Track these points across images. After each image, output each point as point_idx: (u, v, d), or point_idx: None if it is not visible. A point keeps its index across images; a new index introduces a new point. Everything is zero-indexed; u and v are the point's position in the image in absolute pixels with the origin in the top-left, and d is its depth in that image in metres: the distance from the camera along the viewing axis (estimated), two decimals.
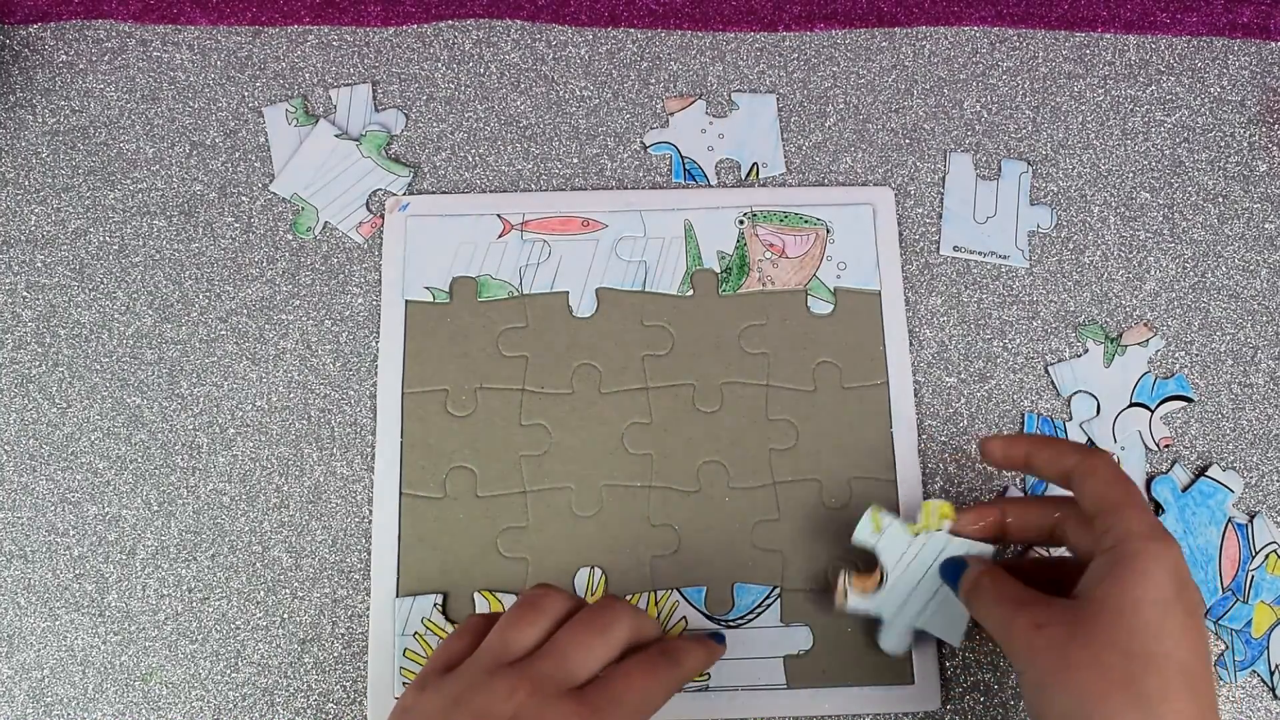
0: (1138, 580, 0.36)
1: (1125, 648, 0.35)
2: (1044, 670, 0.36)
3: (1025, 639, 0.37)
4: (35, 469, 0.55)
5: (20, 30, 0.62)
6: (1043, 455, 0.43)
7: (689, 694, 0.51)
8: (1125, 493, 0.39)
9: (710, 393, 0.55)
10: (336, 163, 0.59)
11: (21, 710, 0.51)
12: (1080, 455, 0.42)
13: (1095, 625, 0.36)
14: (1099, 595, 0.36)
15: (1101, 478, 0.40)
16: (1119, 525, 0.38)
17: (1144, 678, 0.34)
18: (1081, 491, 0.41)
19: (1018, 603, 0.39)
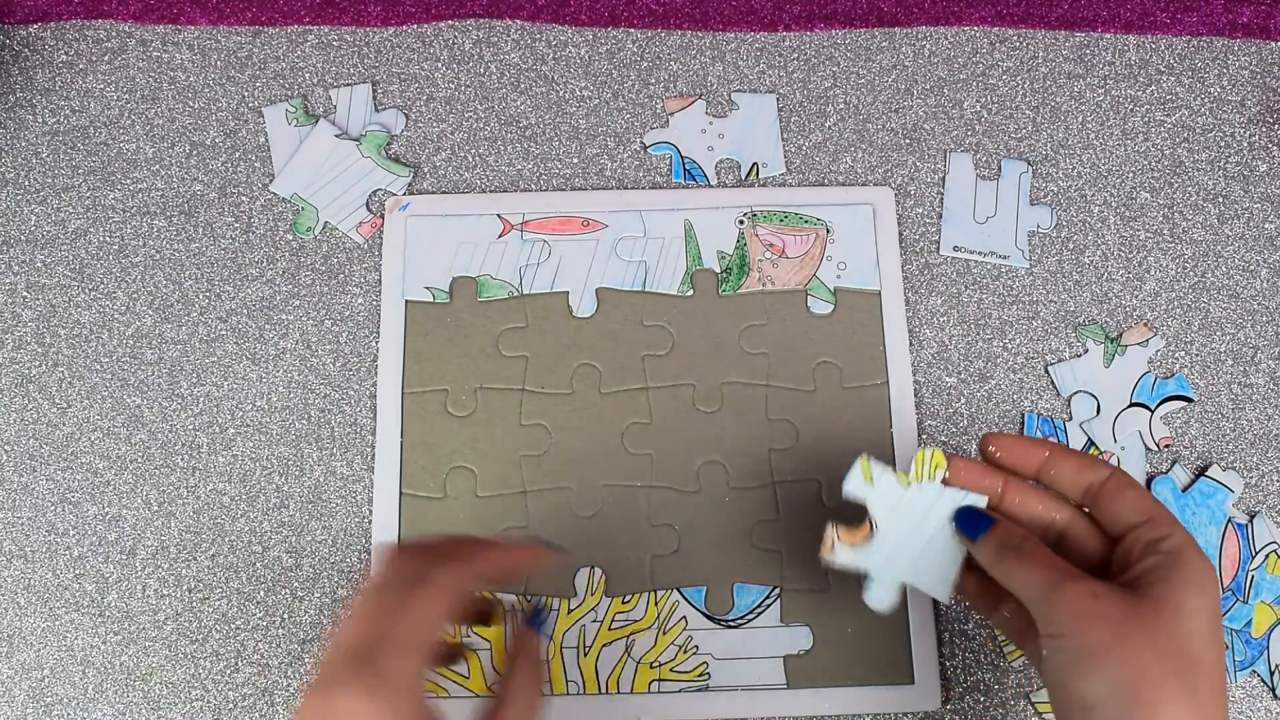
0: (1198, 589, 0.36)
1: (1183, 645, 0.35)
2: (1096, 640, 0.35)
3: (1079, 605, 0.36)
4: (35, 469, 0.55)
5: (20, 30, 0.62)
6: (1068, 464, 0.42)
7: (689, 694, 0.51)
8: (1163, 508, 0.40)
9: (710, 393, 0.55)
10: (336, 163, 0.59)
11: (21, 710, 0.51)
12: (1113, 470, 0.41)
13: (1157, 617, 0.36)
14: (1159, 593, 0.36)
15: (1138, 490, 0.40)
16: (1176, 534, 0.38)
17: (1196, 677, 0.35)
18: (1121, 500, 0.40)
19: (1066, 569, 0.38)
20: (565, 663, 0.52)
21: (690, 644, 0.52)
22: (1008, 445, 0.43)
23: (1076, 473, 0.41)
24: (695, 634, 0.52)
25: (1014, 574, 0.39)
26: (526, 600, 0.51)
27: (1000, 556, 0.40)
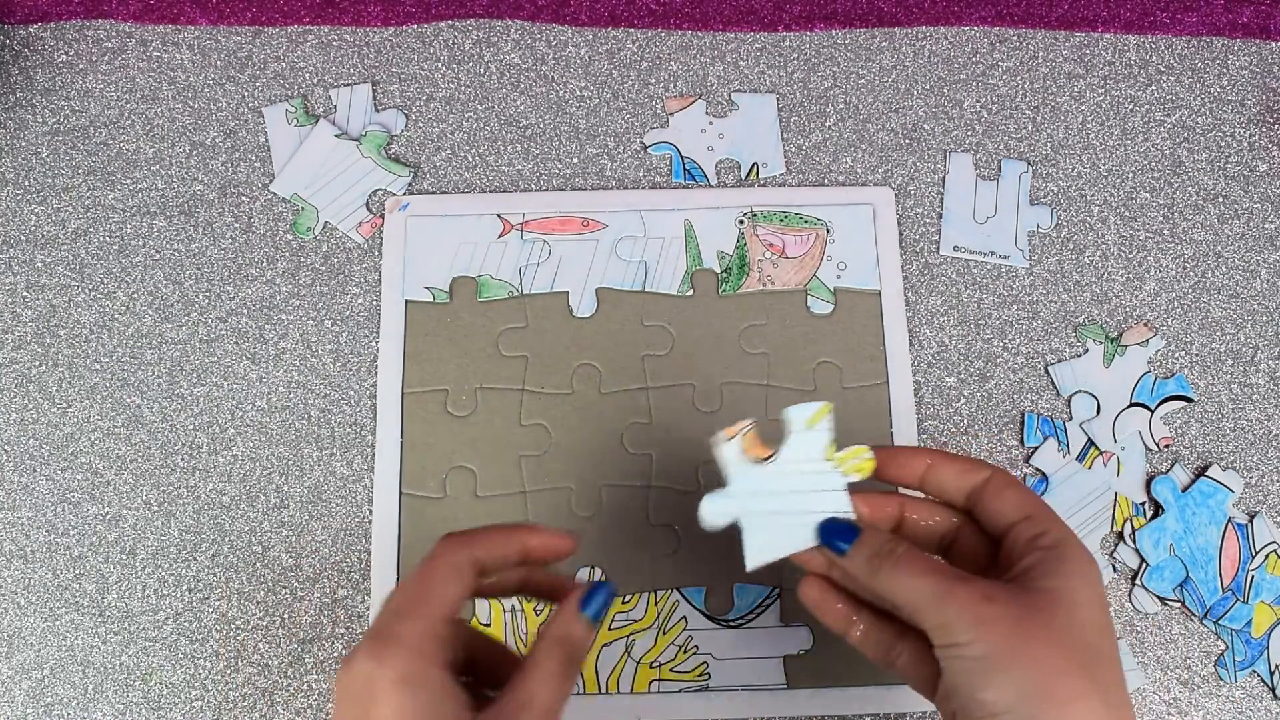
0: (1086, 580, 0.36)
1: (1082, 638, 0.35)
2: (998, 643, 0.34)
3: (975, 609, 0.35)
4: (35, 469, 0.55)
5: (20, 30, 0.62)
6: (949, 469, 0.40)
7: (689, 694, 0.51)
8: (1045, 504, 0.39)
9: (710, 393, 0.55)
10: (336, 163, 0.59)
11: (21, 710, 0.51)
12: (993, 468, 0.40)
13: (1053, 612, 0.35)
14: (1051, 587, 0.35)
15: (1020, 489, 0.39)
16: (1056, 527, 0.38)
17: (1098, 669, 0.34)
18: (1002, 499, 0.39)
19: (951, 573, 0.36)
20: None
21: (690, 644, 0.52)
22: (887, 457, 0.41)
23: (958, 476, 0.40)
24: (695, 634, 0.52)
25: (896, 585, 0.37)
26: None
27: (875, 566, 0.38)
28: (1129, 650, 0.52)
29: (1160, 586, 0.53)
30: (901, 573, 0.37)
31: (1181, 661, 0.52)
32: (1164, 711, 0.52)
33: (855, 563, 0.39)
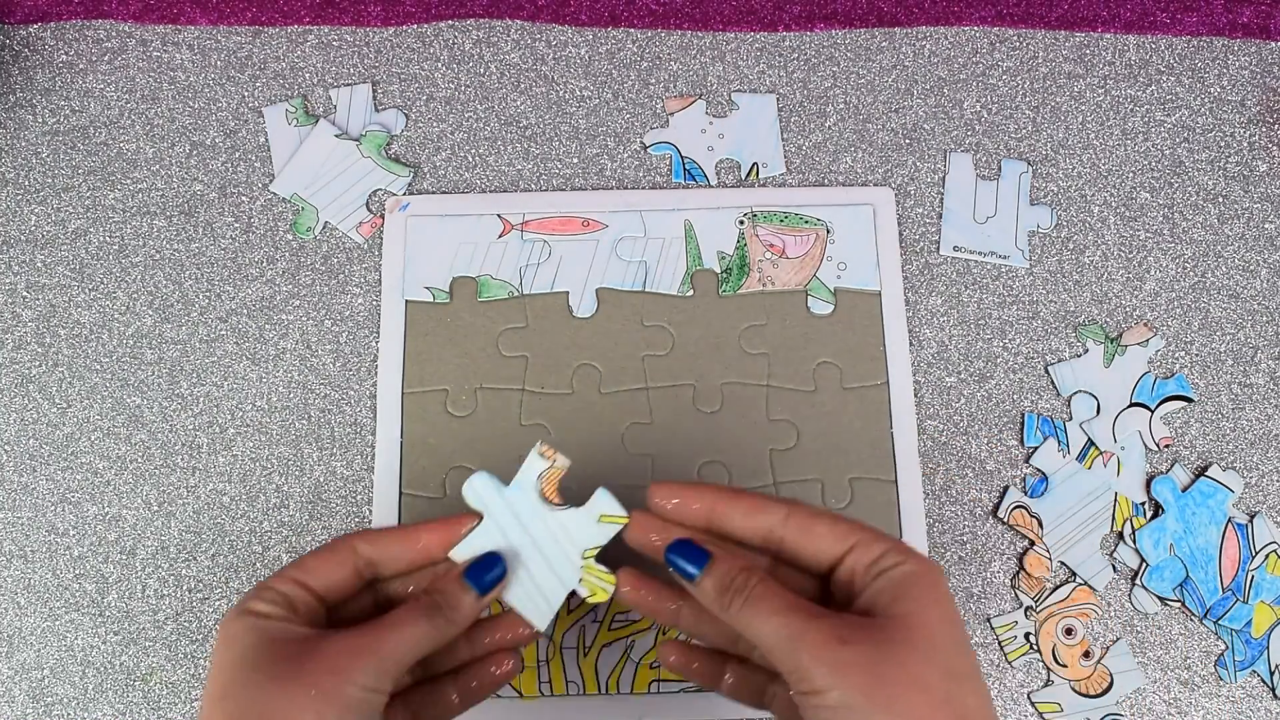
0: (937, 600, 0.34)
1: (943, 666, 0.33)
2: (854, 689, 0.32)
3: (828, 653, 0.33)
4: (35, 469, 0.55)
5: (20, 30, 0.62)
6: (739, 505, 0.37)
7: (689, 694, 0.51)
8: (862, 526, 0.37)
9: (710, 393, 0.55)
10: (336, 163, 0.59)
11: (21, 710, 0.51)
12: (788, 504, 0.37)
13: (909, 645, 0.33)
14: (902, 613, 0.34)
15: (828, 518, 0.37)
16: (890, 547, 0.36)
17: (962, 696, 0.33)
18: (813, 535, 0.37)
19: (807, 612, 0.34)
20: (565, 663, 0.52)
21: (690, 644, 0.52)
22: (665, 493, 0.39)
23: (748, 516, 0.37)
24: None
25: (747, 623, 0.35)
26: None
27: (727, 602, 0.36)
28: (1129, 650, 0.52)
29: (1160, 586, 0.53)
30: (753, 610, 0.35)
31: (1181, 661, 0.52)
32: (1164, 711, 0.52)
33: (704, 593, 0.37)
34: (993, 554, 0.54)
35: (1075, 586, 0.53)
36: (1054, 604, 0.53)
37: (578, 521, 0.41)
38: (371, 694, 0.35)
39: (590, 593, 0.40)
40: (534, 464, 0.41)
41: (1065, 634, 0.52)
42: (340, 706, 0.35)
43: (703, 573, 0.37)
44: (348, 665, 0.35)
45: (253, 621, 0.36)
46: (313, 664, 0.35)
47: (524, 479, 0.41)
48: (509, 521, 0.41)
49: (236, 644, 0.36)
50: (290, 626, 0.37)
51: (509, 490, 0.41)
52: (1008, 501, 0.54)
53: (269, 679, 0.35)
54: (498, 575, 0.40)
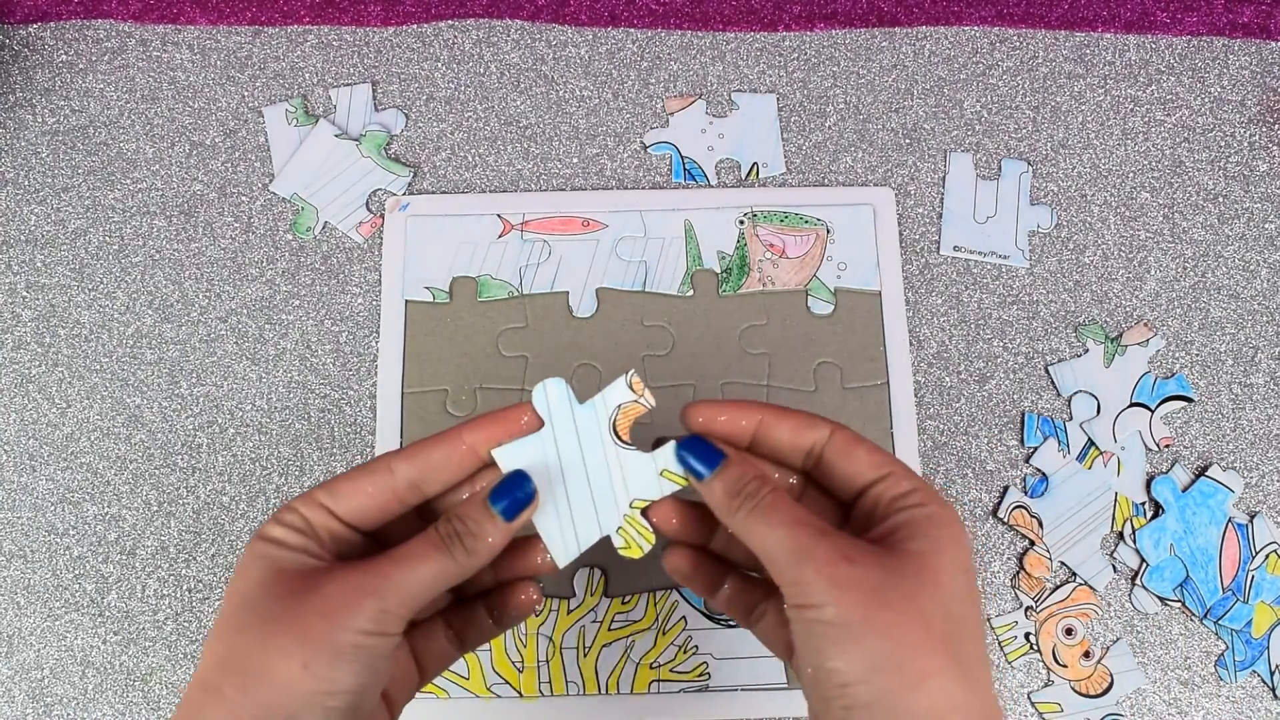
0: (952, 544, 0.33)
1: (946, 608, 0.32)
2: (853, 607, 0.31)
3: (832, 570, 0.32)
4: (35, 469, 0.55)
5: (20, 30, 0.62)
6: (784, 425, 0.36)
7: (689, 694, 0.51)
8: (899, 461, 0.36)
9: (710, 393, 0.55)
10: (336, 163, 0.59)
11: (21, 710, 0.51)
12: (830, 425, 0.36)
13: (918, 579, 0.32)
14: (914, 550, 0.33)
15: (869, 445, 0.36)
16: (919, 486, 0.34)
17: (962, 640, 0.32)
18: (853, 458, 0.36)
19: (818, 528, 0.33)
20: (565, 663, 0.52)
21: (690, 644, 0.52)
22: (712, 413, 0.37)
23: (795, 433, 0.36)
24: (695, 634, 0.52)
25: (752, 530, 0.34)
26: None
27: (734, 505, 0.34)
28: (1129, 650, 0.52)
29: (1160, 586, 0.53)
30: (761, 518, 0.34)
31: (1181, 661, 0.52)
32: (1164, 711, 0.52)
33: (713, 495, 0.35)
34: (993, 554, 0.54)
35: (1075, 586, 0.53)
36: (1054, 604, 0.53)
37: (640, 467, 0.37)
38: (372, 638, 0.32)
39: (625, 544, 0.37)
40: (618, 392, 0.37)
41: (1065, 634, 0.52)
42: (330, 655, 0.32)
43: (714, 473, 0.35)
44: (343, 608, 0.32)
45: (265, 549, 0.33)
46: (307, 606, 0.32)
47: (601, 403, 0.37)
48: (569, 440, 0.37)
49: (243, 576, 0.33)
50: (303, 558, 0.34)
51: (581, 408, 0.37)
52: (1008, 501, 0.54)
53: (259, 621, 0.32)
54: (527, 498, 0.35)
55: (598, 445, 0.37)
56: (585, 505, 0.37)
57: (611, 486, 0.37)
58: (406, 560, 0.33)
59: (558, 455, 0.37)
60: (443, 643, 0.37)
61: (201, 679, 0.32)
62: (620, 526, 0.37)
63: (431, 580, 0.33)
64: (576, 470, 0.37)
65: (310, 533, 0.34)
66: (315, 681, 0.32)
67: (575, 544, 0.37)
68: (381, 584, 0.33)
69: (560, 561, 0.37)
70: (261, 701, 0.31)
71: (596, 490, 0.37)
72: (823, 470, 0.36)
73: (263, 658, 0.32)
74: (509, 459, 0.36)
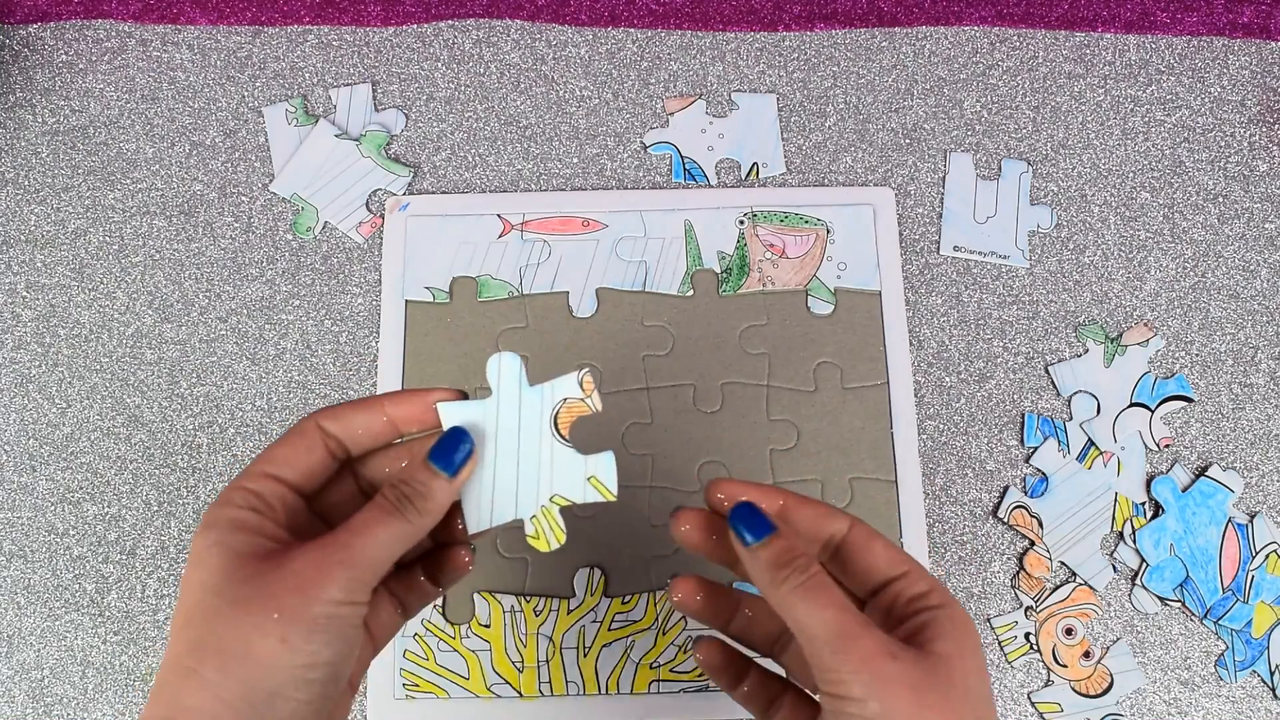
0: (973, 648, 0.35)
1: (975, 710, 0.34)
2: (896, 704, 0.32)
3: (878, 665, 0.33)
4: (35, 469, 0.55)
5: (20, 30, 0.62)
6: (804, 513, 0.37)
7: (689, 694, 0.51)
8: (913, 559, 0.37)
9: (710, 393, 0.55)
10: (336, 163, 0.59)
11: (21, 710, 0.51)
12: (849, 519, 0.37)
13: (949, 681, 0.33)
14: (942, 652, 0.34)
15: (886, 543, 0.37)
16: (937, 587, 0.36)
17: None
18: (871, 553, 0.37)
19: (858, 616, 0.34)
20: (565, 663, 0.52)
21: (690, 644, 0.52)
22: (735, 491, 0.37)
23: (816, 522, 0.37)
24: (695, 634, 0.52)
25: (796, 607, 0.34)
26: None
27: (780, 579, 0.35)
28: (1129, 650, 0.52)
29: (1160, 586, 0.53)
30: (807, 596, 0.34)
31: (1182, 661, 0.52)
32: (1164, 711, 0.52)
33: (757, 563, 0.36)
34: (993, 554, 0.54)
35: (1075, 586, 0.53)
36: (1054, 604, 0.53)
37: (570, 465, 0.37)
38: (344, 608, 0.33)
39: (535, 534, 0.37)
40: (567, 385, 0.37)
41: (1065, 634, 0.52)
42: (307, 627, 0.33)
43: (762, 542, 0.36)
44: (315, 581, 0.33)
45: (219, 536, 0.34)
46: (277, 583, 0.33)
47: (550, 390, 0.37)
48: (509, 416, 0.37)
49: (202, 567, 0.34)
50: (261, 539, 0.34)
51: (529, 390, 0.37)
52: (1008, 501, 0.54)
53: (230, 603, 0.33)
54: (466, 453, 0.37)
55: (534, 432, 0.37)
56: (509, 484, 0.37)
57: (538, 475, 0.37)
58: (366, 527, 0.34)
59: (496, 428, 0.37)
60: (390, 611, 0.38)
61: (175, 664, 0.33)
62: (535, 515, 0.37)
63: (392, 543, 0.34)
64: (510, 448, 0.37)
65: (264, 507, 0.35)
66: (295, 655, 0.32)
67: (489, 518, 0.37)
68: (347, 553, 0.34)
69: (470, 528, 0.37)
70: (243, 679, 0.32)
71: (523, 473, 0.37)
72: (839, 561, 0.37)
73: (240, 636, 0.32)
74: (452, 416, 0.37)
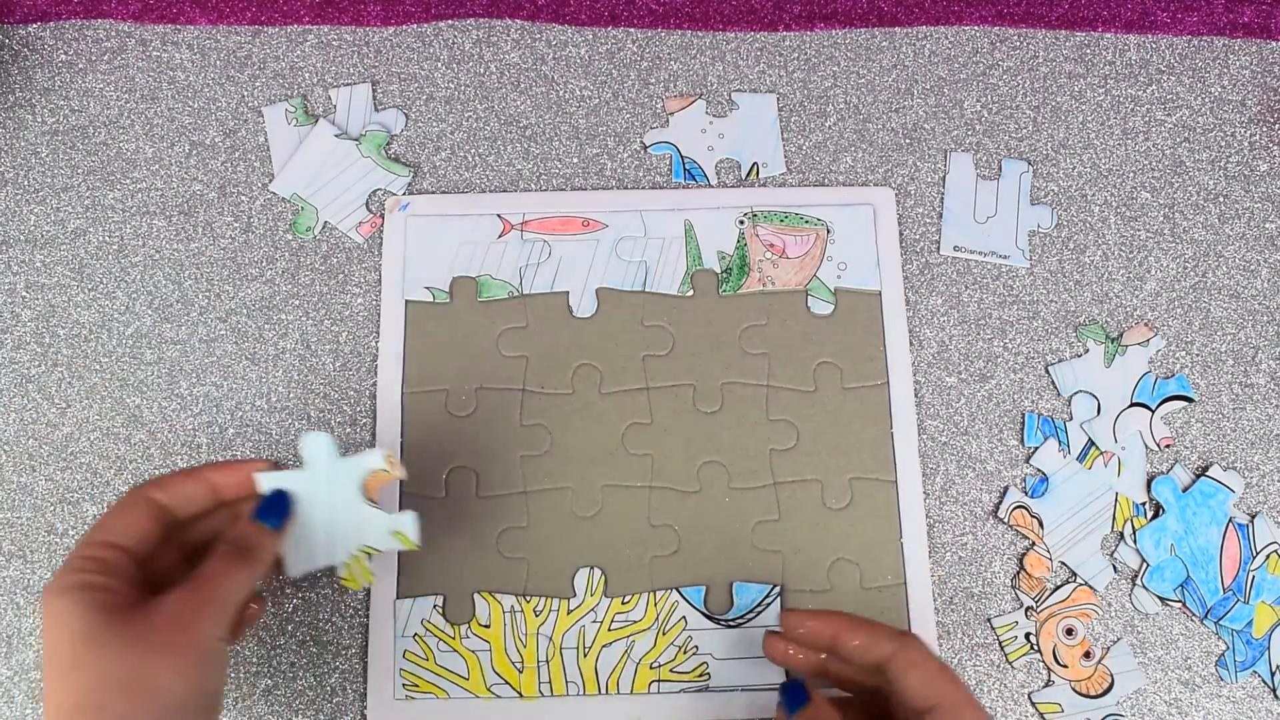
0: None
1: None
2: None
3: None
4: (35, 469, 0.55)
5: (20, 30, 0.62)
6: (854, 639, 0.42)
7: (689, 695, 0.51)
8: (954, 688, 0.40)
9: (710, 393, 0.55)
10: (336, 163, 0.59)
11: (21, 710, 0.51)
12: (897, 644, 0.41)
13: None
14: None
15: (925, 669, 0.40)
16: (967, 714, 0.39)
17: None
18: (905, 683, 0.40)
19: None
20: (565, 663, 0.51)
21: (690, 644, 0.52)
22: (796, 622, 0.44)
23: (866, 648, 0.42)
24: (695, 634, 0.52)
25: None
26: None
27: None
28: (1130, 650, 0.52)
29: (1161, 587, 0.53)
30: None
31: (1182, 662, 0.52)
32: (1164, 712, 0.52)
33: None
34: (993, 554, 0.54)
35: (1076, 587, 0.53)
36: (1054, 604, 0.53)
37: (375, 523, 0.45)
38: (217, 641, 0.39)
39: (348, 576, 0.46)
40: (372, 459, 0.45)
41: (1066, 634, 0.52)
42: (196, 657, 0.38)
43: (795, 713, 0.42)
44: (192, 619, 0.38)
45: (78, 596, 0.38)
46: (159, 623, 0.37)
47: (356, 463, 0.45)
48: (322, 484, 0.45)
49: (69, 621, 0.37)
50: (111, 595, 0.38)
51: (340, 462, 0.45)
52: (1008, 501, 0.54)
53: (118, 646, 0.37)
54: (285, 511, 0.44)
55: (345, 496, 0.45)
56: (323, 537, 0.45)
57: (347, 531, 0.45)
58: (218, 575, 0.40)
59: (310, 492, 0.44)
60: None
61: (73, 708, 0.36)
62: (346, 562, 0.46)
63: (242, 586, 0.40)
64: (323, 508, 0.45)
65: (107, 570, 0.39)
66: (188, 685, 0.37)
67: (308, 563, 0.45)
68: (212, 594, 0.39)
69: (290, 573, 0.45)
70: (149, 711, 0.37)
71: (336, 529, 0.45)
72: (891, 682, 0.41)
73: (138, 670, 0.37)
74: (268, 483, 0.44)
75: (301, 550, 0.45)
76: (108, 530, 0.41)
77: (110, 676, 0.36)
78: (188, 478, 0.43)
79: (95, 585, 0.38)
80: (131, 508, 0.42)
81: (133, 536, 0.41)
